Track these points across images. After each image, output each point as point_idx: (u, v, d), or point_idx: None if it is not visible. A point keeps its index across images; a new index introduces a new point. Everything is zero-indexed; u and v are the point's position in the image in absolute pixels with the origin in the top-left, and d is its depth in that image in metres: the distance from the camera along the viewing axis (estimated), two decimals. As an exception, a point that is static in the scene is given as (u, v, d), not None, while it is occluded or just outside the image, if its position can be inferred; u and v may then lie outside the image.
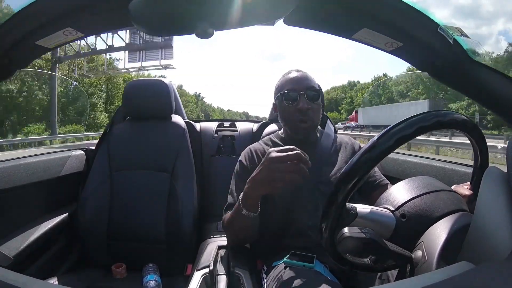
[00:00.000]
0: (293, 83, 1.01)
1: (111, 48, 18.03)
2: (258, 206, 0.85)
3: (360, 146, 1.09)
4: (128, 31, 17.10)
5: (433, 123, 0.51)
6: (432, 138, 12.31)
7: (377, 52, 0.74)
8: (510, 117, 0.57)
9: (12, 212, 1.08)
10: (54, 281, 1.06)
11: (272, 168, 0.75)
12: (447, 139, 11.89)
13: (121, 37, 17.86)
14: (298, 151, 0.74)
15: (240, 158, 1.05)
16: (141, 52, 18.09)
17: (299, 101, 0.97)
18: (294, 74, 1.03)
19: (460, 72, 0.60)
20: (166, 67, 18.58)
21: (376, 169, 1.04)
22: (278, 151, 0.76)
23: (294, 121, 0.99)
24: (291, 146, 0.76)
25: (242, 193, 0.85)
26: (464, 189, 0.68)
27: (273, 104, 1.10)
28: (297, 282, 0.75)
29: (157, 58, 18.10)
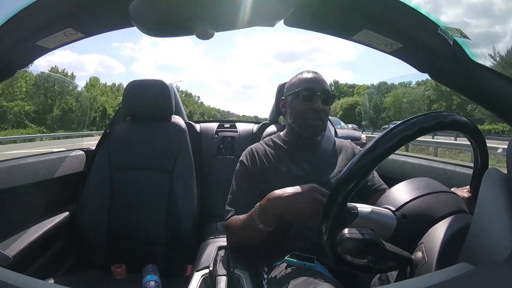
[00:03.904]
0: (312, 82, 1.01)
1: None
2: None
3: (360, 149, 1.09)
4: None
5: (434, 124, 0.51)
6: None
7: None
8: (510, 118, 0.57)
9: (12, 212, 1.08)
10: (53, 281, 1.06)
11: (316, 199, 0.76)
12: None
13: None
14: None
15: (241, 158, 1.05)
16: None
17: (314, 101, 0.98)
18: (312, 75, 1.03)
19: (460, 73, 0.60)
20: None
21: (375, 173, 1.04)
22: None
23: (305, 119, 0.99)
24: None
25: (259, 207, 0.85)
26: (464, 191, 0.69)
27: (282, 99, 1.10)
28: (298, 281, 0.75)
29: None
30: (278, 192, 0.82)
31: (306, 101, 0.99)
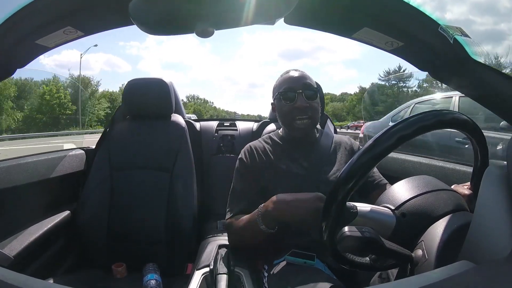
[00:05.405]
0: (290, 82, 1.00)
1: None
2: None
3: (359, 146, 1.09)
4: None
5: (433, 123, 0.51)
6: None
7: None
8: (510, 117, 0.57)
9: (12, 212, 1.08)
10: (54, 281, 1.06)
11: (319, 209, 0.65)
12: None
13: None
14: None
15: (240, 156, 1.05)
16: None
17: (296, 100, 0.97)
18: (291, 74, 1.02)
19: (461, 72, 0.60)
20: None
21: (375, 169, 1.03)
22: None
23: (292, 119, 0.98)
24: None
25: (262, 208, 0.84)
26: (464, 188, 0.69)
27: (272, 104, 1.09)
28: (298, 278, 0.75)
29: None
30: (283, 196, 0.82)
31: (289, 102, 0.98)
